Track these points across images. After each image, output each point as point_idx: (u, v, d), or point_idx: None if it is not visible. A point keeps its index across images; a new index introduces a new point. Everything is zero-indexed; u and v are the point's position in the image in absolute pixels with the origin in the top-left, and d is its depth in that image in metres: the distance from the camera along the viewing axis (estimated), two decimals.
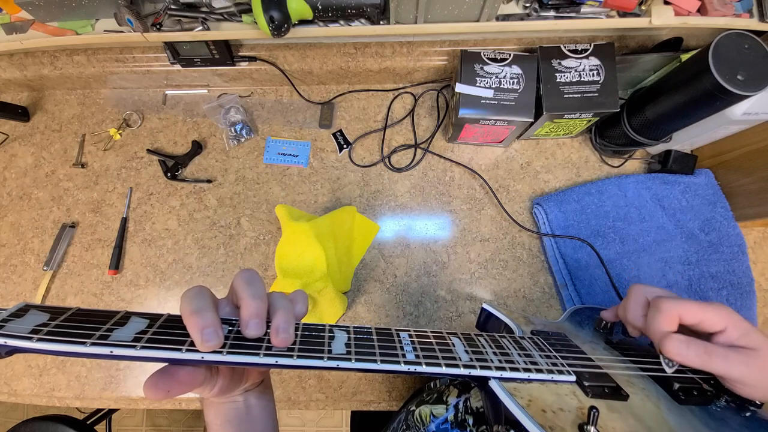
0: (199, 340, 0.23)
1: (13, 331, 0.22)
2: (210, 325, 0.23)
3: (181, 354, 0.23)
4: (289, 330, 0.26)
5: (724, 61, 0.45)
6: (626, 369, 0.34)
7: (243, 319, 0.25)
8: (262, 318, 0.26)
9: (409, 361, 0.26)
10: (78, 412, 1.20)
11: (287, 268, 0.56)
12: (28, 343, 0.21)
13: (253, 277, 0.27)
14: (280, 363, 0.24)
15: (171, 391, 0.24)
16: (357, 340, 0.28)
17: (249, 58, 0.68)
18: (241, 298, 0.26)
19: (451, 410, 0.43)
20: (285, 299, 0.28)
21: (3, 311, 0.23)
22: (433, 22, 0.56)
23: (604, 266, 0.61)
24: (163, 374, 0.24)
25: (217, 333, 0.24)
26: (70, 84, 0.75)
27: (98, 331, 0.23)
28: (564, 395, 0.28)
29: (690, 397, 0.31)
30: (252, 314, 0.25)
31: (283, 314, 0.26)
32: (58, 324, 0.23)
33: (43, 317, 0.23)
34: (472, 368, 0.28)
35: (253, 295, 0.26)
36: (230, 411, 0.33)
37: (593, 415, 0.25)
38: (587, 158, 0.69)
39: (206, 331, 0.23)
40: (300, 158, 0.71)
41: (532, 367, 0.29)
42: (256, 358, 0.24)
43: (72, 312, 0.24)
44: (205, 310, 0.24)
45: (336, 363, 0.25)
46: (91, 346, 0.22)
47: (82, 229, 0.71)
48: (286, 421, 1.56)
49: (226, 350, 0.24)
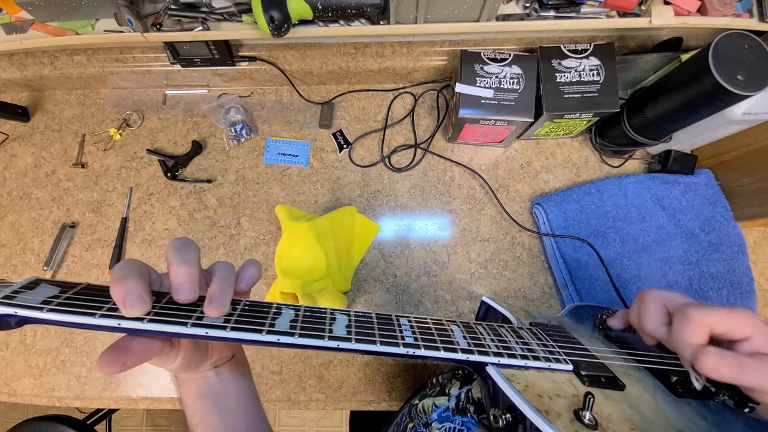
0: (122, 306, 0.23)
1: (24, 301, 0.22)
2: (132, 291, 0.23)
3: (94, 319, 0.23)
4: (224, 299, 0.25)
5: (724, 61, 0.45)
6: (624, 361, 0.34)
7: (172, 285, 0.25)
8: (193, 282, 0.25)
9: (408, 344, 0.27)
10: (78, 412, 1.20)
11: (287, 268, 0.56)
12: (38, 314, 0.22)
13: (184, 243, 0.26)
14: (211, 334, 0.24)
15: (127, 363, 0.24)
16: (357, 324, 0.28)
17: (249, 58, 0.68)
18: (169, 264, 0.26)
19: (453, 399, 0.43)
20: (225, 269, 0.27)
21: (14, 284, 0.23)
22: (433, 22, 0.56)
23: (605, 266, 0.61)
24: (116, 347, 0.24)
25: (141, 298, 0.23)
26: (70, 84, 0.75)
27: (107, 304, 0.24)
28: (561, 383, 0.28)
29: (687, 391, 0.31)
30: (180, 280, 0.25)
31: (218, 283, 0.26)
32: (69, 297, 0.24)
33: (53, 290, 0.24)
34: (470, 353, 0.28)
35: (180, 260, 0.25)
36: (202, 386, 0.33)
37: (589, 400, 0.25)
38: (587, 158, 0.69)
39: (129, 297, 0.23)
40: (300, 158, 0.71)
41: (530, 354, 0.30)
42: (182, 327, 0.24)
43: (82, 286, 0.25)
44: (129, 277, 0.24)
45: (336, 343, 0.25)
46: (100, 318, 0.23)
47: (82, 229, 0.71)
48: (286, 421, 1.56)
49: (147, 318, 0.23)
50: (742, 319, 0.28)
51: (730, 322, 0.28)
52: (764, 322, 0.28)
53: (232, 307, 0.26)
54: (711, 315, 0.28)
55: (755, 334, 0.28)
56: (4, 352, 0.66)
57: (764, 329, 0.28)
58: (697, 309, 0.29)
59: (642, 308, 0.33)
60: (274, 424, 1.57)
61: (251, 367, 0.63)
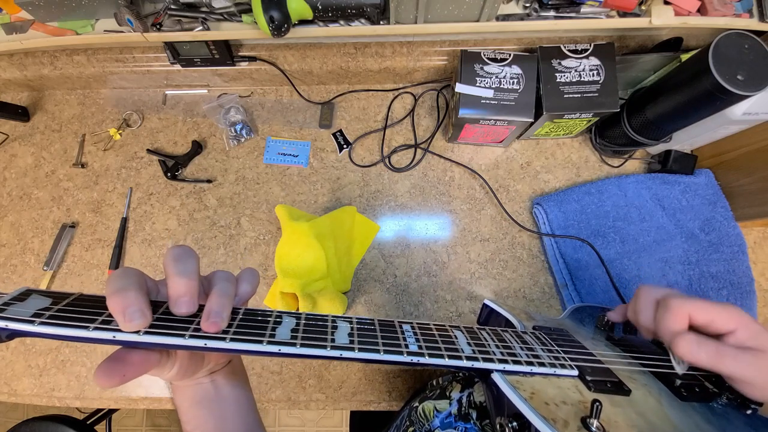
0: (121, 320, 0.22)
1: (14, 314, 0.21)
2: (132, 304, 0.22)
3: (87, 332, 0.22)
4: (222, 314, 0.24)
5: (724, 61, 0.45)
6: (628, 365, 0.34)
7: (171, 298, 0.24)
8: (192, 295, 0.24)
9: (412, 352, 0.26)
10: (78, 412, 1.20)
11: (287, 269, 0.56)
12: (29, 327, 0.21)
13: (184, 253, 0.26)
14: (210, 346, 0.23)
15: (126, 375, 0.23)
16: (360, 331, 0.27)
17: (249, 58, 0.68)
18: (167, 276, 0.25)
19: (455, 404, 0.43)
20: (224, 280, 0.27)
21: (4, 295, 0.23)
22: (433, 22, 0.56)
23: (605, 266, 0.61)
24: (115, 359, 0.23)
25: (142, 312, 0.22)
26: (70, 84, 0.75)
27: (101, 315, 0.23)
28: (566, 389, 0.28)
29: (692, 394, 0.31)
30: (179, 293, 0.24)
31: (217, 298, 0.25)
32: (61, 308, 0.23)
33: (45, 302, 0.23)
34: (475, 360, 0.27)
35: (179, 272, 0.24)
36: (198, 392, 0.32)
37: (596, 408, 0.24)
38: (587, 158, 0.69)
39: (129, 310, 0.22)
40: (300, 158, 0.71)
41: (535, 360, 0.29)
42: (179, 339, 0.23)
43: (74, 297, 0.24)
44: (129, 289, 0.23)
45: (339, 353, 0.25)
46: (94, 330, 0.22)
47: (82, 229, 0.71)
48: (286, 421, 1.56)
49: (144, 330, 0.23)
50: (724, 311, 0.29)
51: (711, 313, 0.29)
52: (750, 317, 0.29)
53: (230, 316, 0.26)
54: (691, 305, 0.30)
55: (740, 328, 0.29)
56: (4, 352, 0.66)
57: (749, 324, 0.29)
58: (678, 299, 0.30)
59: (634, 302, 0.35)
60: (274, 424, 1.57)
61: (251, 367, 0.64)
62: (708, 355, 0.28)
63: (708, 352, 0.28)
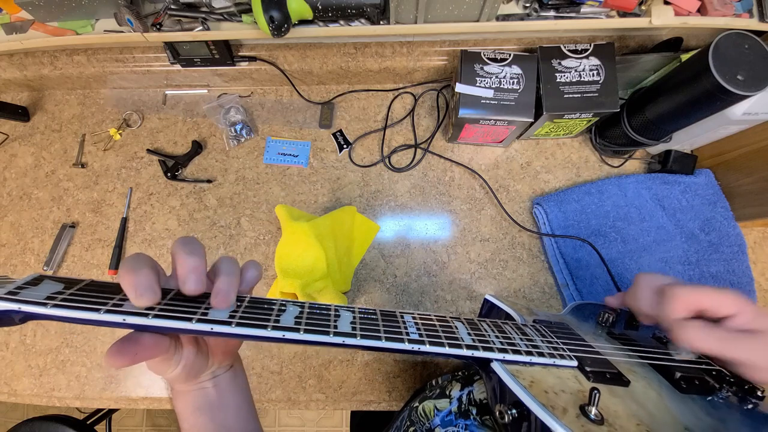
0: (132, 295, 0.23)
1: (28, 297, 0.22)
2: (144, 281, 0.23)
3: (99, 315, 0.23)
4: (230, 292, 0.25)
5: (724, 61, 0.45)
6: (628, 358, 0.34)
7: (180, 277, 0.25)
8: (199, 273, 0.25)
9: (412, 340, 0.27)
10: (78, 412, 1.20)
11: (287, 269, 0.56)
12: (42, 309, 0.22)
13: (191, 239, 0.26)
14: (216, 330, 0.24)
15: (138, 354, 0.24)
16: (362, 320, 0.28)
17: (249, 58, 0.68)
18: (176, 257, 0.25)
19: (455, 402, 0.43)
20: (230, 264, 0.27)
21: (17, 280, 0.23)
22: (433, 22, 0.56)
23: (606, 265, 0.61)
24: (128, 339, 0.24)
25: (153, 288, 0.23)
26: (70, 84, 0.75)
27: (112, 299, 0.24)
28: (566, 379, 0.28)
29: (691, 387, 0.31)
30: (188, 269, 0.25)
31: (225, 277, 0.26)
32: (73, 293, 0.23)
33: (57, 286, 0.24)
34: (475, 349, 0.28)
35: (188, 252, 0.25)
36: (199, 398, 0.32)
37: (595, 395, 0.25)
38: (587, 158, 0.69)
39: (141, 286, 0.23)
40: (300, 158, 0.71)
41: (534, 350, 0.30)
42: (187, 323, 0.23)
43: (86, 283, 0.25)
44: (142, 268, 0.24)
45: (342, 339, 0.25)
46: (105, 313, 0.22)
47: (82, 229, 0.71)
48: (286, 421, 1.56)
49: (152, 313, 0.23)
50: (725, 296, 0.29)
51: (713, 299, 0.29)
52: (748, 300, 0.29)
53: (236, 303, 0.26)
54: (692, 292, 0.30)
55: (741, 312, 0.29)
56: (4, 352, 0.66)
57: (750, 307, 0.29)
58: (680, 287, 0.31)
59: (634, 289, 0.35)
60: (273, 424, 1.57)
61: (251, 367, 0.64)
62: (717, 340, 0.28)
63: (717, 338, 0.28)
